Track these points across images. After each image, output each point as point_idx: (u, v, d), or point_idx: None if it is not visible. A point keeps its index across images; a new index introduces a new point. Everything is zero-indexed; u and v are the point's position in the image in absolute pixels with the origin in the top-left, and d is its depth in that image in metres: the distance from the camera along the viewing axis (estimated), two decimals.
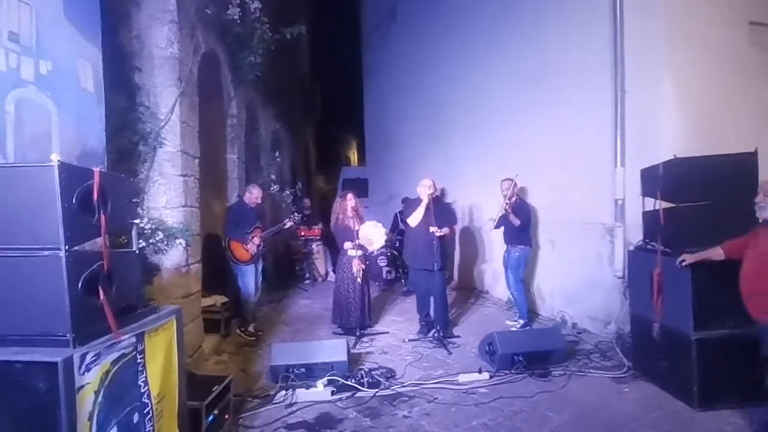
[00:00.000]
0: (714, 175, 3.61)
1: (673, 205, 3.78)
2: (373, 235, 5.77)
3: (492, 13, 7.54)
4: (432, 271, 5.38)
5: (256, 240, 5.58)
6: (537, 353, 4.38)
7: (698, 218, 3.64)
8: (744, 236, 3.16)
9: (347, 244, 5.70)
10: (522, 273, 5.82)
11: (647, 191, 4.08)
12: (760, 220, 3.06)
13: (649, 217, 4.09)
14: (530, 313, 6.02)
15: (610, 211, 5.18)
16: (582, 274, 5.70)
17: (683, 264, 3.47)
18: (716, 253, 3.30)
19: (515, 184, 5.76)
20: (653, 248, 3.94)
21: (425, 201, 5.32)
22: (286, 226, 6.23)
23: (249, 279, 5.63)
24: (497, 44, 7.41)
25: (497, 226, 5.91)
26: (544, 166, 6.27)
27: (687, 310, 3.53)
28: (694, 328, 3.51)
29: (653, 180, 3.93)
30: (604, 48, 5.18)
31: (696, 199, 3.69)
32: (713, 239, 3.31)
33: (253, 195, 5.70)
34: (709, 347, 3.46)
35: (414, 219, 5.41)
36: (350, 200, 5.78)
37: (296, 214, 6.63)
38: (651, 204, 4.01)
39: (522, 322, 5.78)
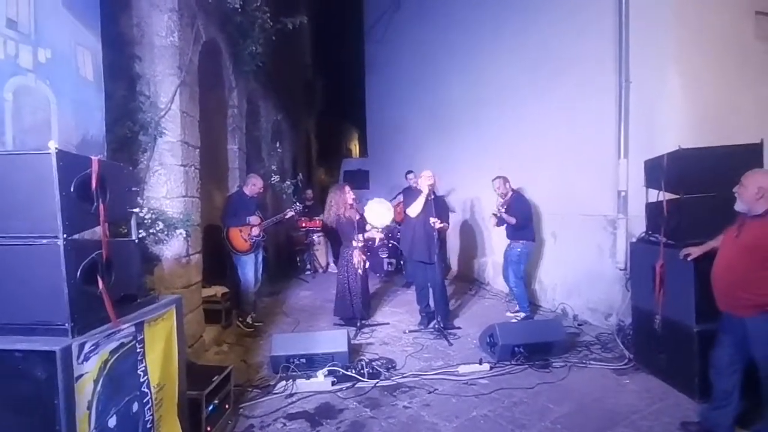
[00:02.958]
0: (719, 166, 3.54)
1: (676, 196, 3.75)
2: (379, 212, 5.83)
3: (495, 3, 7.47)
4: (431, 263, 5.38)
5: (256, 229, 5.57)
6: (538, 345, 4.38)
7: (702, 210, 3.60)
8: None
9: (359, 236, 5.62)
10: (522, 269, 5.78)
11: (651, 182, 4.05)
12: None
13: (652, 209, 4.06)
14: (531, 305, 6.00)
15: (613, 202, 5.16)
16: (583, 266, 5.69)
17: (690, 258, 3.43)
18: (719, 243, 3.23)
19: (506, 181, 5.75)
20: (656, 240, 3.92)
21: (425, 192, 5.30)
22: (287, 216, 6.21)
23: (248, 269, 5.63)
24: (501, 35, 7.34)
25: (498, 224, 5.90)
26: (547, 157, 6.24)
27: (689, 303, 3.53)
28: (696, 321, 3.50)
29: (657, 171, 3.89)
30: (609, 38, 5.13)
31: (700, 190, 3.65)
32: (717, 231, 3.25)
33: (256, 186, 5.69)
34: (710, 339, 3.42)
35: (413, 210, 5.38)
36: (349, 193, 5.74)
37: (297, 204, 6.61)
38: (654, 196, 3.99)
39: (523, 314, 5.76)
